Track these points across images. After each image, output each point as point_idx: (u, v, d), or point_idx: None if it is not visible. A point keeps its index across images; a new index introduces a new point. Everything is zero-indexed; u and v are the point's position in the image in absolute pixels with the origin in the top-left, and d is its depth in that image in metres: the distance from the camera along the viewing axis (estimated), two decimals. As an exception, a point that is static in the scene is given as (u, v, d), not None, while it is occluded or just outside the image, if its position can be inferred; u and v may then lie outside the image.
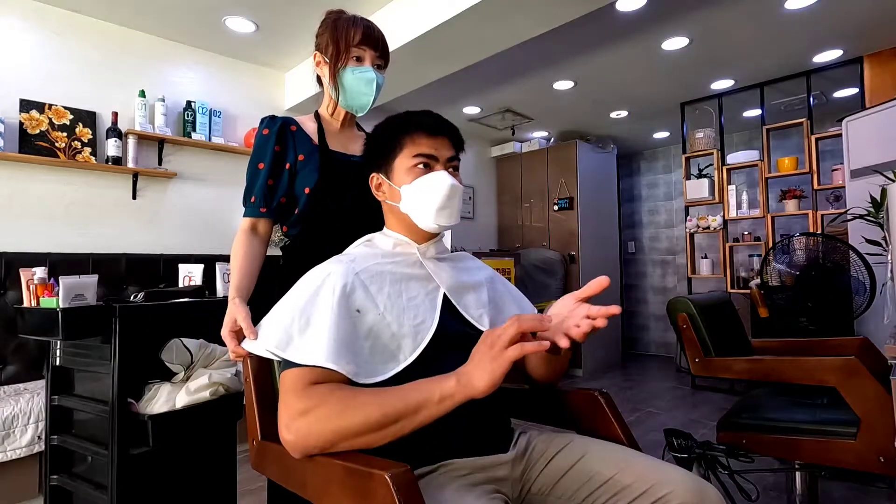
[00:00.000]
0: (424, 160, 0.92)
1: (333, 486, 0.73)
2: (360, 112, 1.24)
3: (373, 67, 1.19)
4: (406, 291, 0.89)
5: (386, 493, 0.62)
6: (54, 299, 1.39)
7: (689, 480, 0.78)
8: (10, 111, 2.46)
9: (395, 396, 0.72)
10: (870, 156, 2.56)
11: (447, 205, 0.91)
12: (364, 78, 1.18)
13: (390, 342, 0.84)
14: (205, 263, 2.24)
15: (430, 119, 0.94)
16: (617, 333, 5.03)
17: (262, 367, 0.99)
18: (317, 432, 0.72)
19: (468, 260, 1.07)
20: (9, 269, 2.37)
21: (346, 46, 1.17)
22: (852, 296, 2.02)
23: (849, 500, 1.98)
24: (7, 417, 1.90)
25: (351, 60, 1.18)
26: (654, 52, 3.23)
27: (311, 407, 0.73)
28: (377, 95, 1.21)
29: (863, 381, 1.33)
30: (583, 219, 4.57)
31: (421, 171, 0.92)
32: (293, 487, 0.83)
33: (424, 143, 0.92)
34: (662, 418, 3.16)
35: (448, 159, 0.94)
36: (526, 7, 2.25)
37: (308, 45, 3.08)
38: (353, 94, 1.20)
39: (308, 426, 0.73)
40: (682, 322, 1.73)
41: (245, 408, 1.01)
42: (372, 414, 0.71)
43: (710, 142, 4.07)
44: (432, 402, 0.70)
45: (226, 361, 1.56)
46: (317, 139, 1.21)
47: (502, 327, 0.70)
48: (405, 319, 0.86)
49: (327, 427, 0.72)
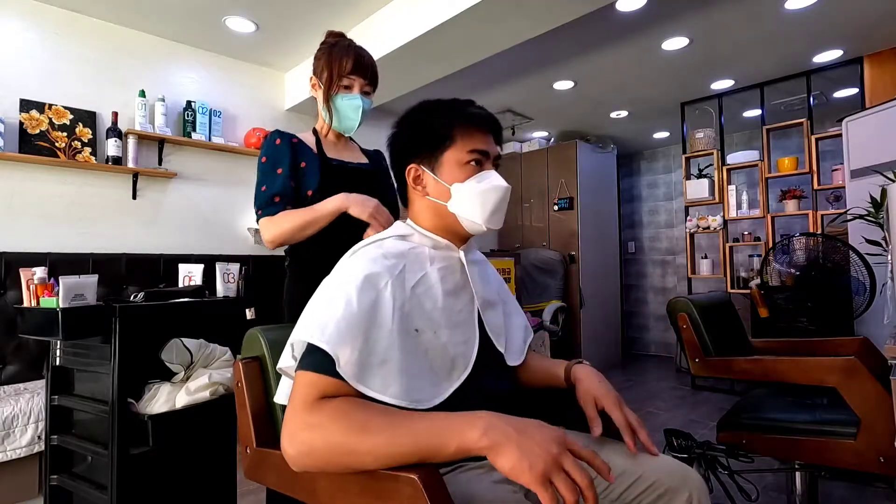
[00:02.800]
0: (478, 156, 0.86)
1: (352, 490, 0.69)
2: (347, 133, 1.37)
3: (361, 94, 1.31)
4: (455, 305, 0.86)
5: (415, 494, 0.60)
6: (54, 299, 1.39)
7: (673, 466, 0.83)
8: (10, 111, 2.46)
9: (407, 432, 0.64)
10: (870, 156, 2.56)
11: (501, 207, 0.87)
12: (352, 105, 1.31)
13: (444, 361, 0.81)
14: (205, 263, 2.23)
15: (483, 112, 0.88)
16: (617, 333, 5.03)
17: (254, 370, 0.94)
18: (319, 451, 0.67)
19: (486, 264, 1.03)
20: (9, 269, 2.37)
21: (339, 75, 1.29)
22: (852, 296, 2.02)
23: (849, 500, 1.98)
24: (7, 417, 1.90)
25: (342, 88, 1.30)
26: (654, 52, 3.23)
27: (319, 423, 0.67)
28: (363, 119, 1.34)
29: (863, 381, 1.33)
30: (583, 219, 4.57)
31: (474, 169, 0.86)
32: (300, 495, 0.79)
33: (479, 139, 0.86)
34: (662, 418, 3.16)
35: (496, 157, 0.90)
36: (526, 7, 2.25)
37: (308, 44, 3.08)
38: (342, 119, 1.33)
39: (311, 442, 0.67)
40: (682, 322, 1.72)
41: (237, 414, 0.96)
42: (378, 446, 0.64)
43: (710, 142, 4.07)
44: (446, 451, 0.62)
45: (226, 361, 1.56)
46: (316, 150, 1.33)
47: (579, 450, 0.64)
48: (457, 336, 0.83)
49: (330, 448, 0.66)
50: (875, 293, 1.95)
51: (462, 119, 0.86)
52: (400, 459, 0.63)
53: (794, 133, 4.14)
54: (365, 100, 1.32)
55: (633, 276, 5.78)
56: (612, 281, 4.98)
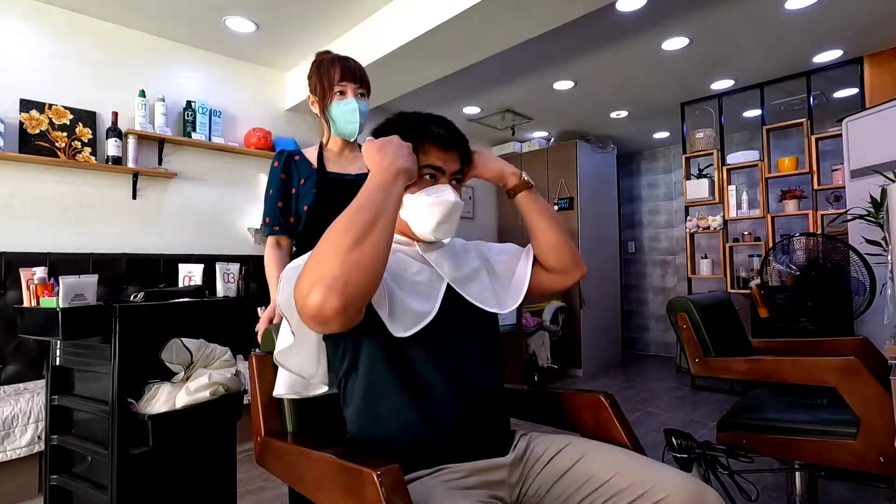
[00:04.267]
0: (432, 171, 0.91)
1: (327, 481, 0.75)
2: (351, 137, 1.45)
3: (356, 97, 1.40)
4: (417, 277, 0.90)
5: (373, 490, 0.63)
6: (54, 299, 1.39)
7: (687, 483, 0.77)
8: (10, 111, 2.46)
9: (347, 211, 0.74)
10: (870, 156, 2.56)
11: (447, 220, 0.90)
12: (348, 108, 1.39)
13: (405, 312, 0.84)
14: (205, 263, 2.23)
15: (445, 132, 0.92)
16: (617, 333, 5.03)
17: (266, 364, 1.00)
18: (326, 275, 0.68)
19: (459, 248, 1.05)
20: (9, 269, 2.37)
21: (330, 85, 1.39)
22: (852, 296, 2.02)
23: (849, 500, 1.98)
24: (7, 417, 1.90)
25: (336, 96, 1.40)
26: (654, 52, 3.23)
27: (308, 267, 0.71)
28: (363, 121, 1.42)
29: (863, 381, 1.33)
30: (583, 219, 4.57)
31: (427, 182, 0.91)
32: (292, 483, 0.85)
33: (435, 155, 0.91)
34: (662, 418, 3.16)
35: (454, 173, 0.94)
36: (526, 7, 2.25)
37: (308, 44, 3.08)
38: (342, 124, 1.41)
39: (310, 284, 0.68)
40: (682, 322, 1.72)
41: (250, 405, 1.02)
42: (339, 233, 0.71)
43: (710, 142, 4.07)
44: (377, 193, 0.76)
45: (226, 361, 1.56)
46: (316, 164, 1.43)
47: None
48: (416, 302, 0.86)
49: (321, 271, 0.69)
50: (875, 293, 1.95)
51: (424, 136, 0.91)
52: (361, 224, 0.72)
53: (794, 133, 4.14)
54: (361, 102, 1.41)
55: (633, 276, 5.78)
56: (612, 281, 4.98)
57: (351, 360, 0.86)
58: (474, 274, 0.98)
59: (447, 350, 0.87)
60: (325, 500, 0.77)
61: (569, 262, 1.03)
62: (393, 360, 0.84)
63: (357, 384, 0.85)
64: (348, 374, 0.87)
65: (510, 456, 0.88)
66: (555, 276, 1.05)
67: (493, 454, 0.86)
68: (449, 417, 0.84)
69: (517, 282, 1.03)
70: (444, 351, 0.86)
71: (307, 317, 0.69)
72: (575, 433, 1.00)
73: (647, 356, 5.49)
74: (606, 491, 0.80)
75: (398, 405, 0.83)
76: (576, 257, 1.04)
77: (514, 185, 1.04)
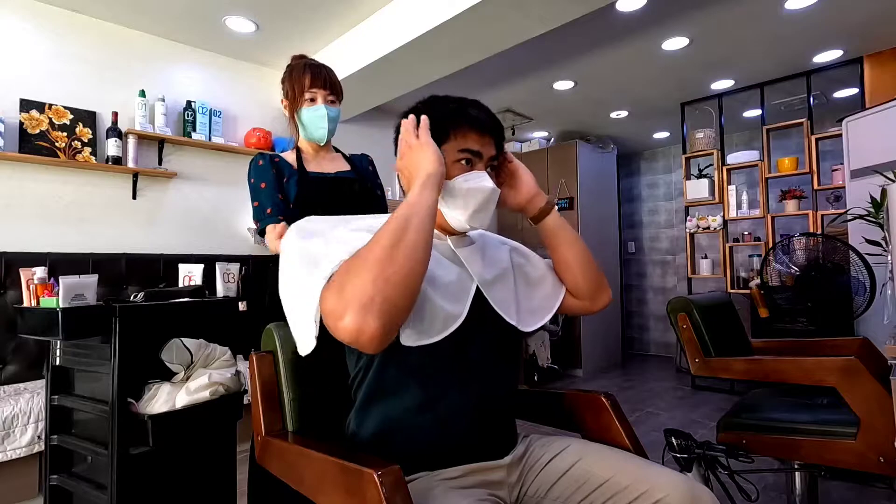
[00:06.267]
0: (469, 156, 0.86)
1: (327, 482, 0.75)
2: (321, 142, 1.48)
3: (326, 104, 1.43)
4: (447, 276, 0.86)
5: (374, 490, 0.63)
6: (54, 299, 1.39)
7: (683, 484, 0.78)
8: (10, 111, 2.46)
9: (381, 228, 0.72)
10: (870, 156, 2.56)
11: (483, 208, 0.86)
12: (316, 115, 1.44)
13: (434, 315, 0.81)
14: (205, 263, 2.23)
15: (483, 115, 0.89)
16: (617, 333, 5.03)
17: (267, 363, 0.99)
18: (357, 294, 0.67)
19: (491, 246, 1.02)
20: (9, 269, 2.37)
21: (301, 91, 1.43)
22: (852, 296, 2.02)
23: (849, 500, 1.98)
24: (7, 417, 1.90)
25: (305, 102, 1.43)
26: (654, 52, 3.23)
27: (339, 285, 0.70)
28: (333, 126, 1.46)
29: (863, 381, 1.33)
30: (583, 219, 4.57)
31: (463, 168, 0.86)
32: (292, 482, 0.85)
33: (472, 139, 0.87)
34: (662, 418, 3.16)
35: (490, 158, 0.90)
36: (526, 7, 2.25)
37: (308, 45, 3.08)
38: (311, 129, 1.46)
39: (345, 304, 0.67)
40: (682, 322, 1.72)
41: (250, 404, 1.01)
42: (374, 251, 0.69)
43: (710, 142, 4.07)
44: (412, 210, 0.73)
45: (225, 361, 1.56)
46: (296, 165, 1.46)
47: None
48: (447, 303, 0.83)
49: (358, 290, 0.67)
50: (875, 293, 1.95)
51: (459, 118, 0.87)
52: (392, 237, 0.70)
53: (794, 133, 4.14)
54: (330, 108, 1.45)
55: (633, 276, 5.78)
56: (612, 281, 4.97)
57: (368, 358, 0.83)
58: (502, 276, 0.95)
59: (467, 354, 0.84)
60: (325, 500, 0.76)
61: (596, 290, 1.03)
62: (409, 361, 0.81)
63: (369, 383, 0.84)
64: (362, 371, 0.85)
65: (508, 457, 0.87)
66: (581, 302, 1.04)
67: (494, 457, 0.86)
68: (459, 423, 0.82)
69: (541, 308, 0.99)
70: (462, 354, 0.84)
71: (342, 339, 0.69)
72: (575, 434, 1.00)
73: (647, 356, 5.49)
74: (605, 491, 0.80)
75: (409, 407, 0.81)
76: (604, 284, 1.04)
77: (541, 208, 1.00)
